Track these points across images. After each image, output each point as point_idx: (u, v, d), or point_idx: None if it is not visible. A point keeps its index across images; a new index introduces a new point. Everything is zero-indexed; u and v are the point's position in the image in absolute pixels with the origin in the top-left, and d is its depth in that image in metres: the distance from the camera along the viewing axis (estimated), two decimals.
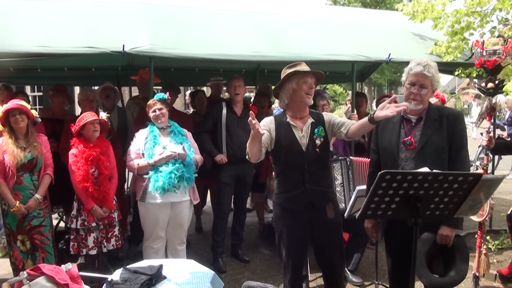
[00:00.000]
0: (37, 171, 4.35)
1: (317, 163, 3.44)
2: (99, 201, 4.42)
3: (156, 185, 4.24)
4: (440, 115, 3.17)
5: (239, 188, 5.47)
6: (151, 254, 4.40)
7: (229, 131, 5.23)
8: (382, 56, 5.64)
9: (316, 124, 3.48)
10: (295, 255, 3.57)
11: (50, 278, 2.89)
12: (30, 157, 4.26)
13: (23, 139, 4.29)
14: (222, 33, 5.51)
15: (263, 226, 6.59)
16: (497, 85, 5.21)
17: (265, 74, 8.48)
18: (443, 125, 3.13)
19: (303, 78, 3.41)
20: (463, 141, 3.15)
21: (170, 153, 4.27)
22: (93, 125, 4.42)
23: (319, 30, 6.25)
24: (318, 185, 3.45)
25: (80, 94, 5.41)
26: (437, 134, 3.12)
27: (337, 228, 3.59)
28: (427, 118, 3.18)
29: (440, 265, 3.16)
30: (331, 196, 3.57)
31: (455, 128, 3.13)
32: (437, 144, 3.11)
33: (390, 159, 3.26)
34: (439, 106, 3.31)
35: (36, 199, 4.30)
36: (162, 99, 4.44)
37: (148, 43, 4.67)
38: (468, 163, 3.21)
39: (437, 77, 3.15)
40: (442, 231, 3.09)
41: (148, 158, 4.28)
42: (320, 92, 6.15)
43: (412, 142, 3.17)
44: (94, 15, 5.25)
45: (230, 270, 5.29)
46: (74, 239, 4.48)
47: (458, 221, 3.10)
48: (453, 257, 3.16)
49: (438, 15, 6.17)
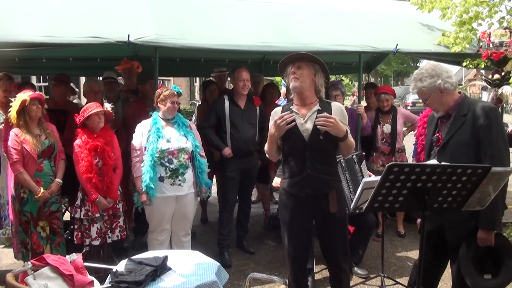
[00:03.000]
0: (54, 157, 4.51)
1: (319, 150, 3.35)
2: (103, 192, 4.42)
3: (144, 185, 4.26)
4: (469, 110, 3.05)
5: (245, 181, 5.45)
6: (156, 246, 4.40)
7: (234, 125, 5.18)
8: (389, 47, 5.59)
9: (322, 112, 3.37)
10: (296, 245, 3.53)
11: (54, 268, 2.90)
12: (48, 143, 4.43)
13: (36, 127, 4.41)
14: (227, 23, 5.46)
15: (269, 218, 6.58)
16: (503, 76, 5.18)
17: (271, 65, 8.42)
18: (471, 120, 3.02)
19: (288, 66, 3.44)
20: (491, 136, 2.96)
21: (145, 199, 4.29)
22: (97, 116, 4.40)
23: (326, 20, 6.18)
24: (320, 172, 3.35)
25: (85, 85, 5.39)
26: (462, 130, 3.04)
27: (342, 222, 3.52)
28: (456, 114, 3.11)
29: (490, 264, 3.12)
30: (334, 185, 3.43)
31: (481, 123, 2.98)
32: (459, 141, 3.04)
33: (426, 155, 3.31)
34: (473, 100, 3.17)
35: (58, 183, 4.47)
36: (179, 92, 4.44)
37: (154, 33, 4.64)
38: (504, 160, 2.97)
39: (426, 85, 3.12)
40: (480, 234, 3.02)
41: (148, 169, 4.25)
42: (335, 82, 6.12)
43: (439, 139, 3.16)
44: (99, 4, 5.20)
45: (235, 262, 5.29)
46: (78, 229, 4.50)
47: (493, 222, 3.01)
48: (500, 256, 3.12)
49: (446, 5, 6.11)
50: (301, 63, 3.37)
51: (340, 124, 3.23)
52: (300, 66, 3.37)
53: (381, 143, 6.05)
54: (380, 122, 6.07)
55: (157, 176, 4.27)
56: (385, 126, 6.03)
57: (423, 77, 3.13)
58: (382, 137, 6.04)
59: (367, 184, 3.82)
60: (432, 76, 3.11)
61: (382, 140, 6.04)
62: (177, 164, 4.31)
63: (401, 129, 6.19)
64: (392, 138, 5.98)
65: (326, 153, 3.41)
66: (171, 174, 4.31)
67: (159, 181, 4.28)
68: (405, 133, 6.45)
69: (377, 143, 6.06)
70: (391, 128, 5.99)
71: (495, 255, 3.10)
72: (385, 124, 6.03)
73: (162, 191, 4.30)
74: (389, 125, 6.01)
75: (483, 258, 3.09)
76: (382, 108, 6.07)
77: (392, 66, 39.99)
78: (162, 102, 4.36)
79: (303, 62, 3.38)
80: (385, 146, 6.01)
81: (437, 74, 3.10)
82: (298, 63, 3.37)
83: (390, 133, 5.98)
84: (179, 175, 4.33)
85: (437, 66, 3.17)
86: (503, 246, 3.11)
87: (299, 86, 3.35)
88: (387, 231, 5.82)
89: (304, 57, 3.40)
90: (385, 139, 6.03)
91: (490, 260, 3.11)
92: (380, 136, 6.05)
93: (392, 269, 5.05)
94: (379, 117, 6.10)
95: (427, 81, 3.11)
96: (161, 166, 4.29)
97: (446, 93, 3.11)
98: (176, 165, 4.30)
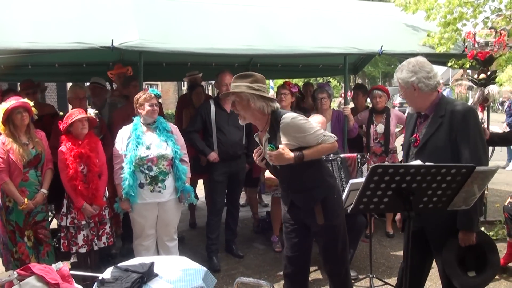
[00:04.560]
0: (41, 167, 4.44)
1: (291, 172, 3.23)
2: (88, 199, 4.38)
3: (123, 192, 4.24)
4: (447, 111, 3.04)
5: (232, 185, 5.44)
6: (142, 252, 4.37)
7: (220, 129, 5.17)
8: (374, 48, 5.62)
9: (270, 140, 3.24)
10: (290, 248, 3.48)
11: (40, 277, 2.85)
12: (35, 153, 4.36)
13: (24, 135, 4.34)
14: (213, 27, 5.46)
15: (257, 221, 6.57)
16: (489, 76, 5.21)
17: (258, 68, 8.42)
18: (448, 121, 3.02)
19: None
20: (468, 139, 2.95)
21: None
22: (81, 123, 4.36)
23: (311, 23, 6.19)
24: (300, 191, 3.27)
25: (70, 91, 5.32)
26: (440, 131, 3.04)
27: (335, 228, 3.32)
28: (434, 115, 3.11)
29: (472, 261, 3.14)
30: (318, 196, 3.23)
31: (458, 125, 2.98)
32: (436, 143, 3.04)
33: (405, 155, 3.32)
34: (450, 101, 3.14)
35: (43, 194, 4.40)
36: (157, 95, 4.40)
37: (138, 38, 4.64)
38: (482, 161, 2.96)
39: (401, 77, 3.11)
40: (461, 236, 3.05)
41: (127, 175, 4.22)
42: (322, 85, 6.13)
43: (417, 140, 3.16)
44: (84, 10, 5.19)
45: (224, 266, 5.26)
46: (64, 237, 4.46)
47: (472, 224, 3.01)
48: (482, 252, 3.16)
49: (430, 6, 6.15)
50: (235, 98, 3.24)
51: (283, 156, 3.08)
52: (233, 103, 3.27)
53: (374, 143, 6.05)
54: (374, 122, 6.07)
55: (137, 183, 4.26)
56: (378, 126, 6.03)
57: (403, 69, 3.12)
58: (375, 137, 6.04)
59: (353, 185, 3.82)
60: (410, 72, 3.08)
61: (375, 140, 6.04)
62: (156, 171, 4.28)
63: (394, 130, 6.20)
64: (385, 139, 5.98)
65: (301, 170, 3.22)
66: (150, 181, 4.29)
67: (139, 188, 4.27)
68: (397, 135, 6.46)
69: (370, 143, 6.07)
70: (384, 128, 5.99)
71: (476, 252, 3.14)
72: (379, 124, 6.03)
73: (142, 198, 4.29)
74: (382, 125, 6.01)
75: (465, 256, 3.12)
76: (375, 106, 6.07)
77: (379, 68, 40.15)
78: (141, 107, 4.32)
79: (237, 96, 3.22)
80: (378, 147, 6.02)
81: (415, 71, 3.07)
82: (233, 98, 3.26)
83: (383, 133, 5.99)
84: (158, 182, 4.31)
85: (421, 64, 3.10)
86: (485, 242, 3.17)
87: (245, 121, 3.31)
88: (376, 232, 5.83)
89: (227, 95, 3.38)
90: (378, 139, 6.03)
91: (472, 257, 3.14)
92: (373, 136, 6.05)
93: (381, 269, 5.06)
94: (372, 117, 6.10)
95: (404, 74, 3.10)
96: (140, 173, 4.27)
97: (420, 93, 3.08)
98: (155, 172, 4.28)
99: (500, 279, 4.77)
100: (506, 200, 4.78)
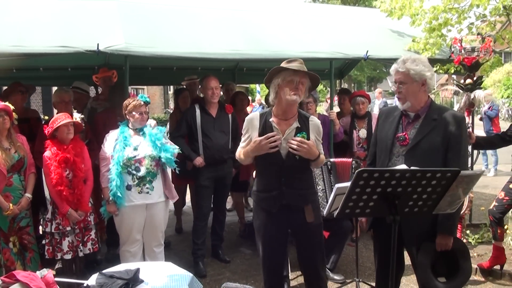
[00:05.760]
0: (24, 171, 4.39)
1: (295, 168, 3.34)
2: (74, 205, 4.33)
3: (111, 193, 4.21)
4: (440, 116, 3.11)
5: (219, 190, 5.42)
6: (128, 258, 4.34)
7: (205, 133, 5.16)
8: (360, 53, 5.66)
9: (301, 129, 3.34)
10: (271, 255, 3.52)
11: (24, 285, 2.82)
12: (18, 157, 4.30)
13: (5, 140, 4.28)
14: (200, 31, 5.45)
15: (244, 225, 6.55)
16: (475, 81, 5.27)
17: (244, 72, 8.44)
18: (442, 126, 3.08)
19: (290, 76, 3.26)
20: (460, 146, 3.08)
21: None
22: (67, 128, 4.32)
23: (297, 28, 6.23)
24: (296, 188, 3.36)
25: (55, 96, 5.27)
26: (433, 134, 3.09)
27: (318, 229, 3.51)
28: (426, 117, 3.15)
29: (443, 267, 3.20)
30: (310, 198, 3.46)
31: (453, 132, 3.06)
32: (430, 145, 3.08)
33: (384, 152, 3.26)
34: (442, 106, 3.27)
35: (28, 198, 4.36)
36: (146, 101, 4.38)
37: (123, 42, 4.61)
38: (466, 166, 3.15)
39: (417, 69, 3.09)
40: (440, 239, 3.11)
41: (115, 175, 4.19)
42: None
43: (406, 138, 3.16)
44: (69, 13, 5.16)
45: (210, 271, 5.25)
46: (49, 243, 4.40)
47: (452, 228, 3.12)
48: (455, 259, 3.20)
49: (415, 12, 6.22)
50: (304, 80, 3.31)
51: (313, 149, 3.25)
52: (304, 82, 3.30)
53: (357, 148, 6.09)
54: (356, 127, 6.12)
55: (124, 185, 4.22)
56: (360, 131, 6.07)
57: (418, 62, 3.13)
58: (358, 142, 6.08)
59: (339, 189, 3.81)
60: (425, 66, 3.13)
61: (358, 145, 6.08)
62: (144, 171, 4.25)
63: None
64: (368, 143, 6.01)
65: (303, 169, 3.40)
66: (138, 182, 4.26)
67: (126, 190, 4.23)
68: None
69: (353, 148, 6.10)
70: (366, 133, 6.03)
71: (449, 258, 3.19)
72: (361, 129, 6.08)
73: (130, 200, 4.25)
74: (364, 130, 6.06)
75: (436, 262, 3.17)
76: (358, 112, 6.12)
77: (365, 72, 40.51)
78: (130, 114, 4.31)
79: (306, 78, 3.33)
80: (362, 151, 6.05)
81: (429, 68, 3.15)
82: (303, 79, 3.30)
83: (366, 138, 6.02)
84: (146, 183, 4.28)
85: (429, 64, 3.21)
86: (459, 249, 3.21)
87: (298, 100, 3.31)
88: (362, 236, 5.85)
89: (307, 74, 3.34)
90: (361, 144, 6.07)
91: (443, 262, 3.19)
92: (356, 141, 6.09)
93: (368, 273, 5.07)
94: (354, 122, 6.15)
95: (420, 67, 3.10)
96: (128, 174, 4.24)
97: (424, 90, 3.15)
98: (143, 172, 4.25)
99: (486, 281, 4.83)
100: (491, 203, 4.84)
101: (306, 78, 3.32)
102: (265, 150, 3.25)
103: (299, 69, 3.26)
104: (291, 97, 3.25)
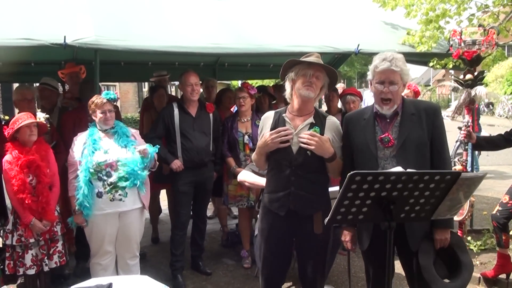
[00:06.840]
0: None
1: (306, 166, 3.31)
2: (38, 214, 4.23)
3: (77, 203, 4.15)
4: (417, 109, 3.18)
5: (199, 196, 5.38)
6: (99, 272, 4.28)
7: (184, 134, 5.11)
8: (350, 47, 5.67)
9: (316, 125, 3.35)
10: (272, 262, 3.51)
11: None
12: None
13: None
14: (177, 23, 5.42)
15: (226, 234, 6.53)
16: (476, 76, 5.27)
17: (226, 68, 8.42)
18: (422, 119, 3.14)
19: (304, 70, 3.30)
20: (443, 136, 3.19)
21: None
22: (29, 129, 4.23)
23: (283, 20, 6.23)
24: (306, 190, 3.33)
25: (16, 93, 5.19)
26: (416, 129, 3.13)
27: (324, 244, 3.49)
28: (403, 113, 3.18)
29: (443, 267, 3.21)
30: (319, 206, 3.38)
31: (434, 122, 3.16)
32: (417, 140, 3.12)
33: (368, 158, 3.22)
34: (414, 100, 3.38)
35: None
36: (112, 98, 4.31)
37: (93, 34, 4.55)
38: (449, 159, 3.27)
39: (405, 70, 3.14)
40: (439, 235, 3.13)
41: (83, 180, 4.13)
42: None
43: (391, 139, 3.16)
44: (33, 3, 5.09)
45: (190, 285, 5.21)
46: (10, 257, 4.30)
47: (450, 219, 3.13)
48: (453, 255, 3.22)
49: (411, 2, 6.23)
50: (320, 74, 3.32)
51: (326, 145, 3.22)
52: (318, 76, 3.31)
53: None
54: None
55: (94, 192, 4.15)
56: None
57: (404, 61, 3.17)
58: None
59: (330, 194, 3.82)
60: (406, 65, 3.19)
61: None
62: (116, 177, 4.19)
63: None
64: None
65: (315, 170, 3.37)
66: (110, 189, 4.18)
67: (97, 198, 4.16)
68: None
69: None
70: None
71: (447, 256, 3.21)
72: None
73: (101, 208, 4.18)
74: None
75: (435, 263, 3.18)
76: (349, 111, 6.10)
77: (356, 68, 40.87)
78: (94, 114, 4.26)
79: (322, 72, 3.33)
80: None
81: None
82: (317, 72, 3.31)
83: None
84: (119, 189, 4.20)
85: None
86: (455, 244, 3.23)
87: (311, 96, 3.31)
88: None
89: (323, 68, 3.35)
90: None
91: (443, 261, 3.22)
92: None
93: (360, 284, 5.08)
94: None
95: (407, 66, 3.17)
96: (98, 180, 4.17)
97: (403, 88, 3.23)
98: (115, 178, 4.19)
99: None
100: (494, 208, 4.84)
101: (322, 72, 3.33)
102: (275, 145, 3.28)
103: (314, 62, 3.29)
104: (303, 91, 3.28)
